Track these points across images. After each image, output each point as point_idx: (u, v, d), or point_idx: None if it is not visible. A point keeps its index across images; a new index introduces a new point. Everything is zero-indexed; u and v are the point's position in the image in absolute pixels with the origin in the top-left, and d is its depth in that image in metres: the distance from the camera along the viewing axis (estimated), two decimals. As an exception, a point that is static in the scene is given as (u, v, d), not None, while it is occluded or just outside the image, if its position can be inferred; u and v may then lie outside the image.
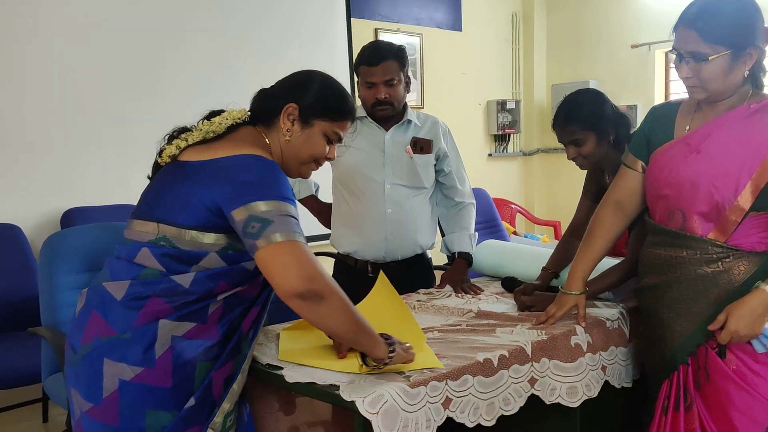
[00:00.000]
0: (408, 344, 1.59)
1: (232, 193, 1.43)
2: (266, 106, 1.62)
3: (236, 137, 1.57)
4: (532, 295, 2.17)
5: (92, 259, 2.18)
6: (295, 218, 1.46)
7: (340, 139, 1.67)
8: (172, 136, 1.59)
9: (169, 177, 1.53)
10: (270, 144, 1.61)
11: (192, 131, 1.57)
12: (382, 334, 1.54)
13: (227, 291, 1.50)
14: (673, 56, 1.75)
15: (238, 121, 1.60)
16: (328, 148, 1.65)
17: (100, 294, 1.48)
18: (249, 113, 1.64)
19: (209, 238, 1.46)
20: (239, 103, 1.68)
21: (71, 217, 3.33)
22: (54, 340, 2.12)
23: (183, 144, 1.55)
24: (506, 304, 2.19)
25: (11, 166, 3.27)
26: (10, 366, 2.63)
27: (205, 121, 1.59)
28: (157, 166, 1.61)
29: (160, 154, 1.59)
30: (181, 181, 1.49)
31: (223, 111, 1.62)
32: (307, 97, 1.60)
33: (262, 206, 1.41)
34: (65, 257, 2.21)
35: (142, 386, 1.42)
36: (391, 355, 1.51)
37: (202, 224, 1.46)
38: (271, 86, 1.67)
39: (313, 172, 2.59)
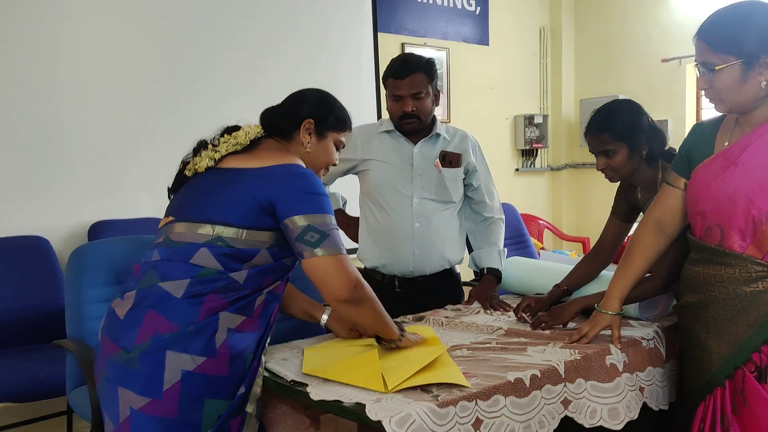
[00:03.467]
0: (416, 335, 1.82)
1: (292, 200, 1.59)
2: (284, 121, 1.79)
3: (269, 148, 1.74)
4: (543, 311, 2.12)
5: (118, 271, 2.16)
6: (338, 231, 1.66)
7: (343, 146, 1.89)
8: (197, 150, 1.74)
9: (217, 182, 1.66)
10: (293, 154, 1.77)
11: (217, 144, 1.73)
12: (396, 323, 1.79)
13: (270, 285, 1.65)
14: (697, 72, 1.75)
15: (257, 135, 1.77)
16: (336, 156, 1.87)
17: (156, 294, 1.56)
18: (262, 128, 1.80)
19: (262, 236, 1.61)
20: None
21: (98, 230, 3.34)
22: (79, 353, 2.11)
23: (217, 155, 1.70)
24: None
25: (40, 179, 3.29)
26: (34, 378, 2.62)
27: (226, 135, 1.75)
28: (181, 178, 1.75)
29: (185, 165, 1.74)
30: (233, 185, 1.63)
31: (237, 126, 1.78)
32: (321, 112, 1.81)
33: (319, 218, 1.59)
34: (91, 270, 2.20)
35: (203, 375, 1.52)
36: (401, 338, 1.76)
37: (255, 223, 1.60)
38: (281, 104, 1.84)
39: (341, 186, 2.63)
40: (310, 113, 1.79)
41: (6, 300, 2.97)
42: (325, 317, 1.97)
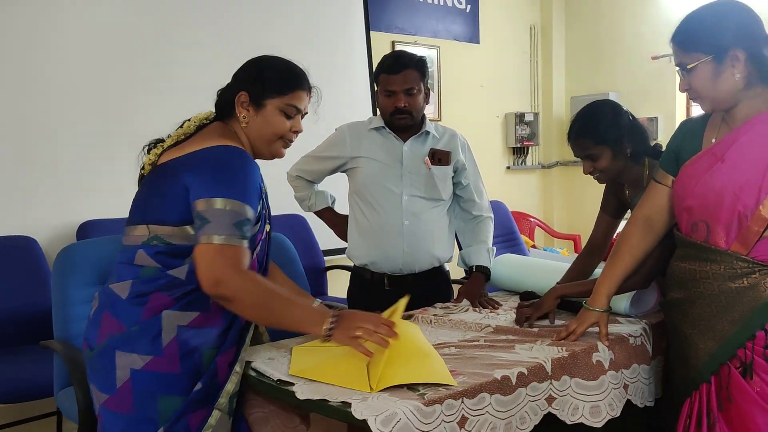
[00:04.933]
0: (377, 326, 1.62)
1: (198, 184, 1.55)
2: (224, 100, 1.73)
3: (205, 133, 1.69)
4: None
5: (105, 271, 2.14)
6: (243, 217, 1.55)
7: (299, 111, 1.73)
8: (150, 148, 1.72)
9: (151, 181, 1.66)
10: (237, 134, 1.71)
11: (164, 141, 1.72)
12: (334, 313, 1.63)
13: None
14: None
15: (204, 121, 1.73)
16: (289, 124, 1.72)
17: (109, 295, 1.61)
18: (213, 113, 1.76)
19: (191, 230, 1.57)
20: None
21: (87, 230, 3.32)
22: (66, 354, 2.10)
23: (159, 151, 1.68)
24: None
25: (28, 179, 3.27)
26: (22, 379, 2.61)
27: (179, 129, 1.73)
28: (142, 178, 1.74)
29: (143, 166, 1.73)
30: (162, 182, 1.61)
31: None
32: (253, 82, 1.70)
33: (212, 203, 1.53)
34: (78, 270, 2.19)
35: (152, 374, 1.55)
36: (329, 330, 1.60)
37: (186, 217, 1.57)
38: (228, 83, 1.77)
39: (330, 184, 2.62)
40: (242, 85, 1.70)
41: (-7, 300, 2.95)
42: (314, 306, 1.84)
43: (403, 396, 1.44)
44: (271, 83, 1.69)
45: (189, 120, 1.74)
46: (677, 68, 1.75)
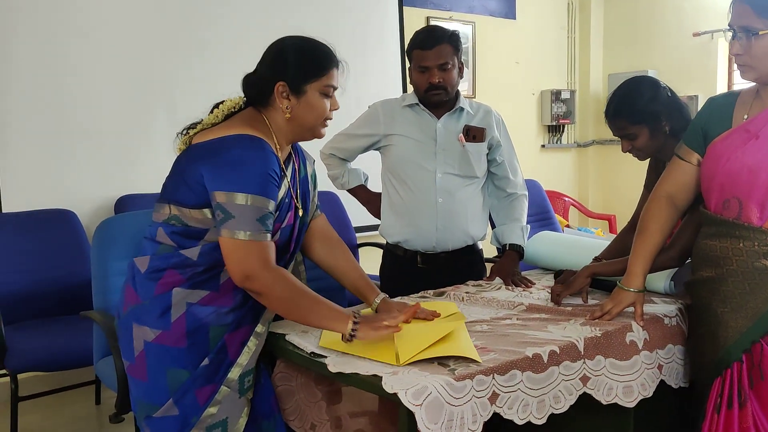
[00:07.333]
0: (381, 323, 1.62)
1: (212, 174, 1.57)
2: (257, 89, 1.70)
3: (233, 120, 1.69)
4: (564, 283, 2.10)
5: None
6: (266, 211, 1.58)
7: (335, 89, 1.72)
8: (185, 133, 1.73)
9: (179, 163, 1.69)
10: (270, 123, 1.70)
11: (198, 124, 1.72)
12: (354, 314, 1.62)
13: None
14: (729, 36, 1.71)
15: (234, 109, 1.72)
16: (328, 104, 1.71)
17: (132, 268, 1.69)
18: (244, 99, 1.74)
19: (209, 214, 1.60)
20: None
21: (125, 204, 3.39)
22: (105, 324, 2.15)
23: (192, 132, 1.70)
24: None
25: (68, 154, 3.34)
26: (62, 348, 2.69)
27: (210, 114, 1.72)
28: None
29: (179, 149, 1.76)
30: (185, 165, 1.64)
31: (224, 101, 1.75)
32: (290, 70, 1.66)
33: (231, 197, 1.55)
34: (117, 242, 2.24)
35: (161, 347, 1.62)
36: (353, 332, 1.58)
37: (201, 201, 1.60)
38: (255, 69, 1.73)
39: (363, 162, 2.62)
40: (278, 74, 1.66)
41: (35, 272, 3.03)
42: (377, 301, 1.89)
43: (433, 371, 1.46)
44: (307, 68, 1.67)
45: (218, 107, 1.73)
46: (737, 29, 1.67)
